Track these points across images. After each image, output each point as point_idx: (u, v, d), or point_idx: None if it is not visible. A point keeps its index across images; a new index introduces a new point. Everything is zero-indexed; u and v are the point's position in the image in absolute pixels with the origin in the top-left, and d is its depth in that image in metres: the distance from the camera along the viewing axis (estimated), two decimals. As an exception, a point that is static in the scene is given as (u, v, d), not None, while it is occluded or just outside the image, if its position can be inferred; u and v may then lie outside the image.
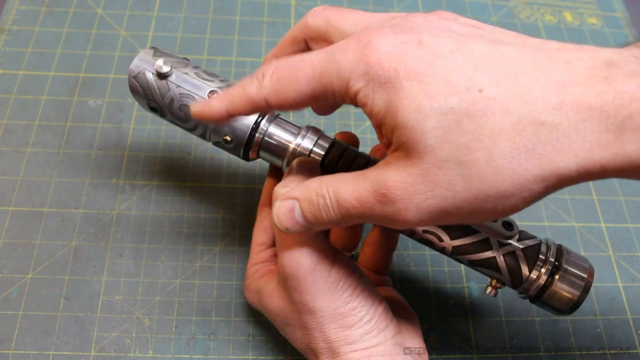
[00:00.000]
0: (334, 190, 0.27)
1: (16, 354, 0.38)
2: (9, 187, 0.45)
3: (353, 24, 0.28)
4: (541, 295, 0.32)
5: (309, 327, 0.31)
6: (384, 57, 0.24)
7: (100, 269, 0.42)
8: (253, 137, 0.34)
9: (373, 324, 0.31)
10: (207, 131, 0.34)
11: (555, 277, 0.32)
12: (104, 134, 0.48)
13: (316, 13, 0.30)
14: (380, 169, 0.25)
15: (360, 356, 0.30)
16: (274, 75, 0.26)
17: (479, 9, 0.62)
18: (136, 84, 0.34)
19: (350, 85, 0.24)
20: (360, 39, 0.25)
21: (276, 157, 0.35)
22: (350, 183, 0.26)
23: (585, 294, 0.32)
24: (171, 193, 0.46)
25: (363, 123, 0.51)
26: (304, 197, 0.28)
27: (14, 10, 0.55)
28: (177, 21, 0.56)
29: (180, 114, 0.34)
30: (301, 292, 0.30)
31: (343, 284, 0.31)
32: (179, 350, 0.39)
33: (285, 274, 0.31)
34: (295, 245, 0.30)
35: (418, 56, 0.23)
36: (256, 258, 0.36)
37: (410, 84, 0.23)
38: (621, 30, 0.62)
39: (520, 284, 0.33)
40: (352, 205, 0.26)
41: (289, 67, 0.26)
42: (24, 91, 0.50)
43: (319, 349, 0.31)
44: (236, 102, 0.28)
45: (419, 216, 0.24)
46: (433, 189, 0.23)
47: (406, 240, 0.45)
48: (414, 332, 0.34)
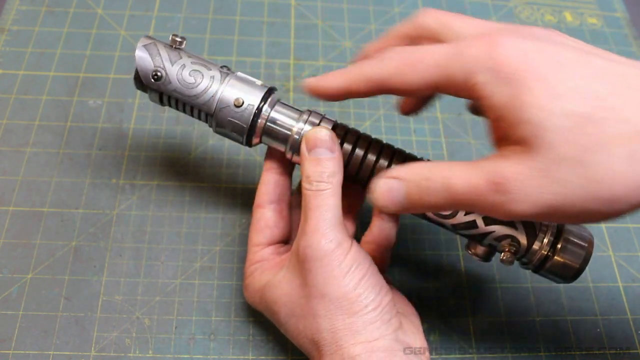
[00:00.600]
0: (444, 175, 0.28)
1: (16, 354, 0.38)
2: (9, 187, 0.45)
3: (468, 28, 0.30)
4: (544, 264, 0.33)
5: (316, 313, 0.31)
6: (512, 56, 0.26)
7: (100, 269, 0.42)
8: (256, 123, 0.34)
9: (378, 313, 0.31)
10: (213, 102, 0.35)
11: (557, 246, 0.33)
12: (104, 134, 0.48)
13: (428, 13, 0.32)
14: (495, 160, 0.26)
15: (361, 351, 0.30)
16: (398, 59, 0.29)
17: (479, 9, 0.62)
18: (145, 51, 0.35)
19: (472, 77, 0.26)
20: (488, 38, 0.27)
21: (279, 142, 0.35)
22: (462, 170, 0.27)
23: (586, 262, 0.33)
24: (171, 193, 0.46)
25: (363, 123, 0.51)
26: (410, 179, 0.29)
27: (14, 10, 0.55)
28: (177, 21, 0.56)
29: (190, 79, 0.35)
30: (316, 274, 0.31)
31: (354, 270, 0.31)
32: (179, 350, 0.39)
33: (304, 255, 0.32)
34: (320, 229, 0.31)
35: (544, 60, 0.26)
36: (254, 258, 0.37)
37: (536, 84, 0.25)
38: (621, 30, 0.62)
39: (530, 247, 0.33)
40: (463, 191, 0.27)
41: (414, 54, 0.29)
42: (24, 91, 0.50)
43: (322, 339, 0.31)
44: (354, 79, 0.30)
45: (528, 209, 0.25)
46: (549, 185, 0.25)
47: (406, 240, 0.46)
48: (415, 328, 0.34)
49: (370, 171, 0.34)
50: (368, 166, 0.34)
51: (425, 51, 0.28)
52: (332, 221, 0.32)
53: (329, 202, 0.32)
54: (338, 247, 0.31)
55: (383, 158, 0.34)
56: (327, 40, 0.57)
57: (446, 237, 0.46)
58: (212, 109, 0.35)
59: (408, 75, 0.28)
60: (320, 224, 0.32)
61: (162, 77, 0.35)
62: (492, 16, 0.61)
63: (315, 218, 0.32)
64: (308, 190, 0.33)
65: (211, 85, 0.35)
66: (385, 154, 0.35)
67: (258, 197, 0.37)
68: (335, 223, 0.32)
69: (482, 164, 0.27)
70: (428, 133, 0.52)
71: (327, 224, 0.32)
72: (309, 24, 0.58)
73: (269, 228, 0.37)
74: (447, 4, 0.62)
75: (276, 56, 0.55)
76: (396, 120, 0.52)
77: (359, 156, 0.34)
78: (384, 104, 0.53)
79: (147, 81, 0.35)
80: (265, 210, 0.37)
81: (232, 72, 0.36)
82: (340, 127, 0.35)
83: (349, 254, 0.32)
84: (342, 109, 0.52)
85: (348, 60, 0.55)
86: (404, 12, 0.60)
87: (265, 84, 0.36)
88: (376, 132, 0.51)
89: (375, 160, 0.34)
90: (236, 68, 0.54)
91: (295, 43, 0.56)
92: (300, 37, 0.57)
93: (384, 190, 0.30)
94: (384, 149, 0.35)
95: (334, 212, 0.32)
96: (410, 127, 0.52)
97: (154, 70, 0.35)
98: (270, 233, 0.37)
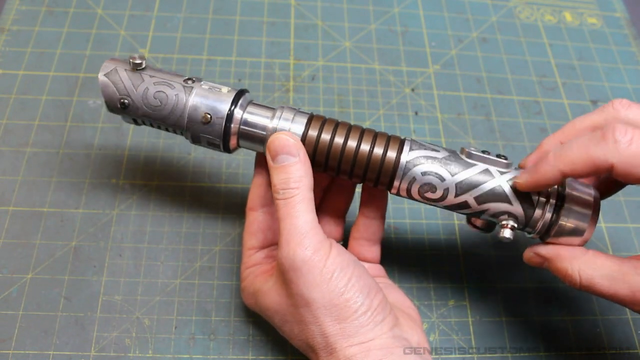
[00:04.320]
0: (587, 275, 0.31)
1: (16, 354, 0.38)
2: (9, 187, 0.45)
3: None
4: (549, 231, 0.33)
5: (305, 320, 0.31)
6: None
7: (100, 269, 0.42)
8: (229, 129, 0.34)
9: (369, 316, 0.31)
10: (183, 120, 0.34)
11: (560, 211, 0.32)
12: (104, 134, 0.48)
13: (627, 106, 0.33)
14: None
15: (357, 351, 0.30)
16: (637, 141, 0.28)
17: (479, 9, 0.62)
18: (107, 81, 0.35)
19: None
20: None
21: (257, 144, 0.35)
22: (607, 274, 0.31)
23: (594, 223, 0.32)
24: (171, 193, 0.46)
25: (363, 123, 0.51)
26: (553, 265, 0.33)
27: (14, 10, 0.55)
28: (177, 21, 0.56)
29: (155, 102, 0.34)
30: (297, 284, 0.31)
31: (337, 275, 0.31)
32: (179, 350, 0.39)
33: (283, 266, 0.31)
34: (294, 238, 0.31)
35: None
36: (248, 262, 0.37)
37: None
38: (621, 30, 0.62)
39: (531, 217, 0.33)
40: (602, 291, 0.31)
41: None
42: (24, 91, 0.50)
43: (317, 344, 0.31)
44: (577, 164, 0.29)
45: None
46: None
47: (406, 238, 0.46)
48: (413, 323, 0.34)
49: (352, 159, 0.33)
50: (349, 154, 0.33)
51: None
52: (304, 228, 0.31)
53: (299, 209, 0.31)
54: (315, 253, 0.31)
55: (364, 143, 0.33)
56: (327, 40, 0.57)
57: (446, 237, 0.46)
58: (184, 126, 0.35)
59: None
60: (293, 233, 0.31)
61: (129, 104, 0.35)
62: (492, 16, 0.61)
63: (287, 228, 0.31)
64: (277, 199, 0.32)
65: (177, 104, 0.34)
66: (367, 139, 0.34)
67: (250, 200, 0.37)
68: (308, 229, 0.31)
69: (628, 272, 0.30)
70: (428, 133, 0.52)
71: (299, 231, 0.31)
72: (309, 24, 0.58)
73: (261, 231, 0.37)
74: (447, 4, 0.62)
75: (276, 56, 0.55)
76: (396, 120, 0.52)
77: (339, 144, 0.33)
78: (384, 104, 0.53)
79: (116, 110, 0.35)
80: (258, 213, 0.37)
81: (197, 83, 0.35)
82: (316, 117, 0.34)
83: (329, 258, 0.31)
84: (342, 109, 0.52)
85: (347, 60, 0.56)
86: (404, 12, 0.60)
87: (234, 88, 0.35)
88: (376, 132, 0.51)
89: (357, 147, 0.33)
90: (236, 68, 0.54)
91: (295, 43, 0.56)
92: (300, 37, 0.57)
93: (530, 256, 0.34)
94: (364, 134, 0.34)
95: (306, 218, 0.31)
96: (410, 127, 0.52)
97: (120, 99, 0.35)
98: (263, 236, 0.37)
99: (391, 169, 0.33)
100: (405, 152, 0.33)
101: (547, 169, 0.30)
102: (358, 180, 0.35)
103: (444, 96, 0.54)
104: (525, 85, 0.56)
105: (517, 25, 0.61)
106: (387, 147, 0.33)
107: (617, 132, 0.28)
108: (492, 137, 0.52)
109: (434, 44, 0.58)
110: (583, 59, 0.59)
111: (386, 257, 0.44)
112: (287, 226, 0.31)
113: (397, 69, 0.56)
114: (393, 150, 0.33)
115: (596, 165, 0.29)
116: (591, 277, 0.31)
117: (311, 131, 0.34)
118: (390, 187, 0.34)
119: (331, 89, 0.53)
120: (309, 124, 0.34)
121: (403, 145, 0.34)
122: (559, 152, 0.30)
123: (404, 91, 0.54)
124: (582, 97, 0.56)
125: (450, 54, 0.58)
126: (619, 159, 0.28)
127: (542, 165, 0.31)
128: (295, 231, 0.31)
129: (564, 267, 0.32)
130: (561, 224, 0.32)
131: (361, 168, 0.34)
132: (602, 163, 0.28)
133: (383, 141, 0.34)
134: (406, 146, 0.34)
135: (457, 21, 0.60)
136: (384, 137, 0.34)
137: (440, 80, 0.55)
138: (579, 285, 0.32)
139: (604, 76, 0.58)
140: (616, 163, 0.28)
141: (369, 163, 0.33)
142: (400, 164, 0.33)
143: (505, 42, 0.59)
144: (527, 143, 0.52)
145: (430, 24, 0.60)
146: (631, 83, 0.58)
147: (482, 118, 0.53)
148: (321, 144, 0.34)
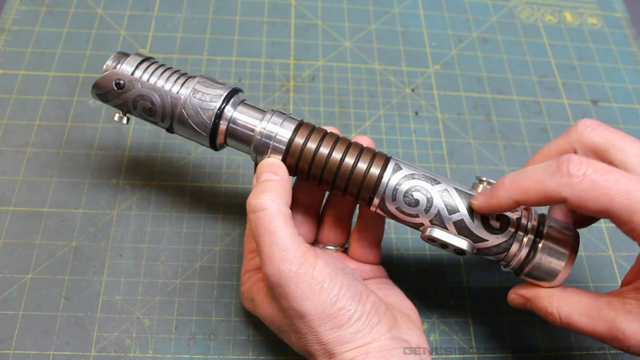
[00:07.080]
0: (565, 313, 0.31)
1: (16, 354, 0.38)
2: (9, 187, 0.45)
3: (634, 152, 0.30)
4: (524, 267, 0.32)
5: (301, 331, 0.31)
6: None
7: (100, 269, 0.42)
8: (218, 125, 0.34)
9: (363, 321, 0.31)
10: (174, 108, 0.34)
11: (537, 246, 0.32)
12: (104, 134, 0.48)
13: (591, 128, 0.32)
14: (620, 313, 0.29)
15: (356, 355, 0.30)
16: (590, 176, 0.27)
17: (479, 9, 0.62)
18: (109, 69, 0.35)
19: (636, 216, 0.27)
20: None
21: (243, 144, 0.35)
22: (584, 311, 0.31)
23: (571, 262, 0.32)
24: (171, 193, 0.46)
25: (363, 123, 0.51)
26: (534, 304, 0.34)
27: (14, 10, 0.55)
28: (177, 21, 0.56)
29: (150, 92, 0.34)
30: (287, 299, 0.31)
31: (327, 285, 0.31)
32: (179, 350, 0.39)
33: (270, 283, 0.31)
34: (276, 254, 0.30)
35: None
36: (248, 265, 0.37)
37: None
38: (621, 30, 0.62)
39: (506, 252, 0.32)
40: (581, 328, 0.31)
41: (603, 174, 0.27)
42: (24, 91, 0.50)
43: (315, 351, 0.32)
44: (530, 194, 0.29)
45: None
46: None
47: (406, 240, 0.46)
48: (411, 323, 0.34)
49: (335, 170, 0.33)
50: (332, 165, 0.33)
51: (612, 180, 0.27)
52: (284, 243, 0.30)
53: (276, 224, 0.31)
54: (300, 267, 0.30)
55: (349, 157, 0.33)
56: (327, 40, 0.57)
57: (446, 237, 0.46)
58: (175, 117, 0.35)
59: (592, 196, 0.27)
60: (274, 248, 0.30)
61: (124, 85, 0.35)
62: (492, 16, 0.61)
63: (267, 245, 0.31)
64: (251, 215, 0.32)
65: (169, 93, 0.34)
66: (352, 153, 0.33)
67: None
68: (288, 244, 0.30)
69: (604, 309, 0.30)
70: (428, 133, 0.52)
71: (280, 247, 0.30)
72: (309, 24, 0.58)
73: None
74: (447, 4, 0.62)
75: (276, 56, 0.55)
76: (396, 120, 0.52)
77: (323, 155, 0.33)
78: (384, 104, 0.53)
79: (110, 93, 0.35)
80: None
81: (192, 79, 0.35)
82: (305, 125, 0.34)
83: (316, 270, 0.31)
84: (342, 109, 0.52)
85: (348, 60, 0.56)
86: (404, 12, 0.60)
87: (228, 86, 0.35)
88: (376, 132, 0.51)
89: (341, 159, 0.33)
90: (236, 68, 0.54)
91: (295, 43, 0.56)
92: (300, 37, 0.57)
93: (512, 298, 0.36)
94: (350, 147, 0.33)
95: (285, 233, 0.31)
96: (411, 127, 0.52)
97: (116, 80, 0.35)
98: None
99: (372, 186, 0.33)
100: (389, 171, 0.33)
101: (501, 194, 0.30)
102: (339, 192, 0.34)
103: (444, 96, 0.54)
104: (526, 85, 0.56)
105: (517, 25, 0.61)
106: (372, 163, 0.33)
107: (572, 165, 0.28)
108: (492, 137, 0.52)
109: (434, 44, 0.58)
110: (583, 59, 0.59)
111: (386, 257, 0.44)
112: (266, 242, 0.31)
113: (397, 69, 0.56)
114: (377, 167, 0.33)
115: (549, 197, 0.28)
116: (570, 315, 0.31)
117: (298, 138, 0.33)
118: (370, 204, 0.34)
119: (331, 89, 0.53)
120: (296, 130, 0.34)
121: (387, 163, 0.33)
122: (515, 179, 0.30)
123: (404, 91, 0.54)
124: (582, 97, 0.56)
125: (451, 54, 0.58)
126: (571, 193, 0.28)
127: (497, 191, 0.30)
128: (276, 247, 0.30)
129: (544, 306, 0.33)
130: (536, 262, 0.32)
131: (343, 180, 0.33)
132: (555, 195, 0.28)
133: (368, 157, 0.33)
134: (390, 165, 0.33)
135: (457, 21, 0.60)
136: (369, 153, 0.34)
137: (441, 80, 0.55)
138: (560, 323, 0.32)
139: (604, 76, 0.58)
140: (568, 197, 0.28)
141: (351, 176, 0.33)
142: (382, 182, 0.33)
143: (506, 42, 0.59)
144: (528, 143, 0.52)
145: (431, 24, 0.60)
146: (631, 83, 0.58)
147: (482, 118, 0.53)
148: (306, 151, 0.33)
